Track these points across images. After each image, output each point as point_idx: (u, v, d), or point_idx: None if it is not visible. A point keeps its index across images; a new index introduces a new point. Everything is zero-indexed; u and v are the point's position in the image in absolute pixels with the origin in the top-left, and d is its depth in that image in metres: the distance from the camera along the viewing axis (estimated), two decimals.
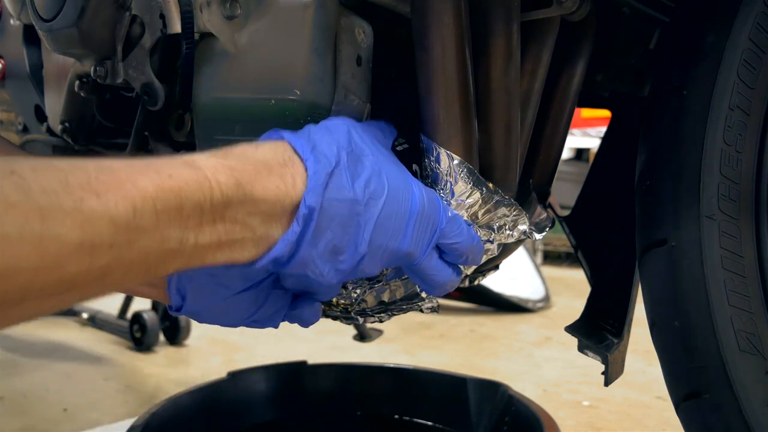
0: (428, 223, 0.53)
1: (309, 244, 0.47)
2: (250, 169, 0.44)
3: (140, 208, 0.38)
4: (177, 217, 0.40)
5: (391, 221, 0.50)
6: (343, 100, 0.59)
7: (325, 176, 0.47)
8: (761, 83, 0.60)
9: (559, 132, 0.73)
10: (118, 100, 0.72)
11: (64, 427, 1.25)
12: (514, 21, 0.59)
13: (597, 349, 0.71)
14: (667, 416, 1.31)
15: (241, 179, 0.43)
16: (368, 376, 1.11)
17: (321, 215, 0.46)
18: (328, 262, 0.49)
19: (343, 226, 0.48)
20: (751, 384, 0.59)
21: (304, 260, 0.47)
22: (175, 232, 0.40)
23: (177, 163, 0.41)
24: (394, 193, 0.50)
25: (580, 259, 0.80)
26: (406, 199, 0.51)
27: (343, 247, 0.48)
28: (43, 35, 0.64)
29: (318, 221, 0.46)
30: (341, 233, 0.48)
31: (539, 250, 3.76)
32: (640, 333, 0.78)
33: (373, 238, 0.49)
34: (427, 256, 0.54)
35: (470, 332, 2.12)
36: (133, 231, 0.38)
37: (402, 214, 0.51)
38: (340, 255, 0.49)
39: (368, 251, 0.50)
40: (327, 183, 0.47)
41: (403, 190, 0.51)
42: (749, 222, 0.61)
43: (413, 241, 0.52)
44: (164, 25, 0.58)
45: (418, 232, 0.52)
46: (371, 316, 0.66)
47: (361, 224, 0.48)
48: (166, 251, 0.40)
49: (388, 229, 0.50)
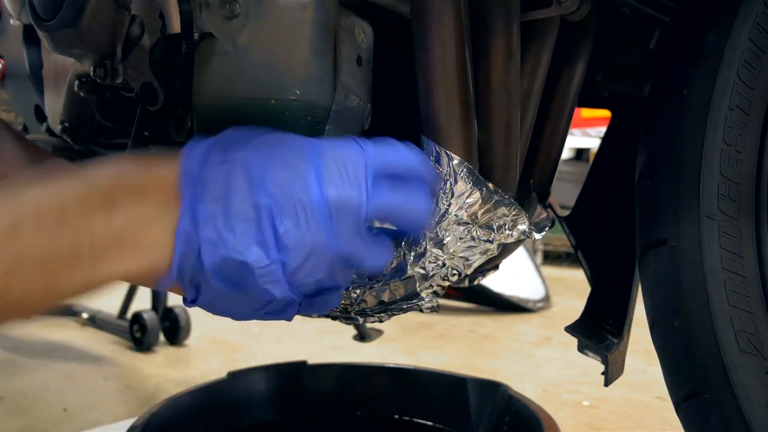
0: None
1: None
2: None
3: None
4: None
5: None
6: (343, 100, 0.59)
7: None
8: (761, 83, 0.60)
9: (559, 132, 0.73)
10: (117, 100, 0.72)
11: (64, 427, 1.25)
12: (514, 21, 0.59)
13: (597, 349, 0.71)
14: (667, 416, 1.31)
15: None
16: (368, 376, 1.11)
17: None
18: None
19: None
20: (751, 384, 0.59)
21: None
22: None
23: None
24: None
25: (580, 259, 0.80)
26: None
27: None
28: (42, 35, 0.64)
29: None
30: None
31: (539, 250, 3.76)
32: (640, 333, 0.77)
33: None
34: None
35: (470, 332, 2.12)
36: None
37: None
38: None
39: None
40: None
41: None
42: (749, 222, 0.61)
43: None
44: (164, 25, 0.58)
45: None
46: (371, 316, 0.66)
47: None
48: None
49: None
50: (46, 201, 0.42)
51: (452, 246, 0.60)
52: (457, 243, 0.60)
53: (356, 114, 0.61)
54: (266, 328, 2.02)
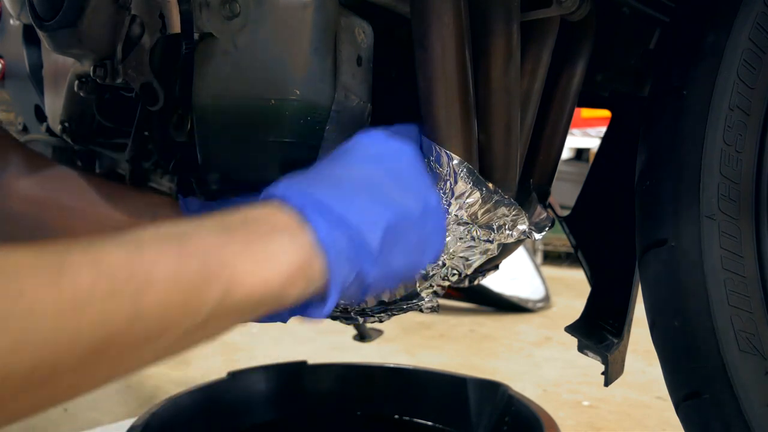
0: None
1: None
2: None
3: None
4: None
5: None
6: (343, 100, 0.59)
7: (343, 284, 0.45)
8: (761, 83, 0.60)
9: (559, 132, 0.73)
10: (117, 100, 0.72)
11: (64, 427, 1.25)
12: (514, 21, 0.59)
13: (597, 349, 0.71)
14: (667, 416, 1.31)
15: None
16: (368, 376, 1.11)
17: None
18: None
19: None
20: (751, 384, 0.59)
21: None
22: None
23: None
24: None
25: (580, 259, 0.80)
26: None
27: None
28: (42, 35, 0.64)
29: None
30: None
31: (539, 250, 3.76)
32: (640, 333, 0.77)
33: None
34: None
35: (470, 332, 2.12)
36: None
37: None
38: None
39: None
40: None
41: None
42: (749, 222, 0.61)
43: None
44: (164, 25, 0.58)
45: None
46: (371, 316, 0.66)
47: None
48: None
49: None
50: (161, 230, 0.39)
51: (452, 246, 0.60)
52: (457, 243, 0.60)
53: (356, 114, 0.61)
54: (266, 328, 2.02)
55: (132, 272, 0.35)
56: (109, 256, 0.35)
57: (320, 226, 0.43)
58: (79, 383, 0.35)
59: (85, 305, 0.33)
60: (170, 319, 0.37)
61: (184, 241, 0.39)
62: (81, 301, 0.32)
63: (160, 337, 0.37)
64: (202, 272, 0.38)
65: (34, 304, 0.31)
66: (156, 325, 0.36)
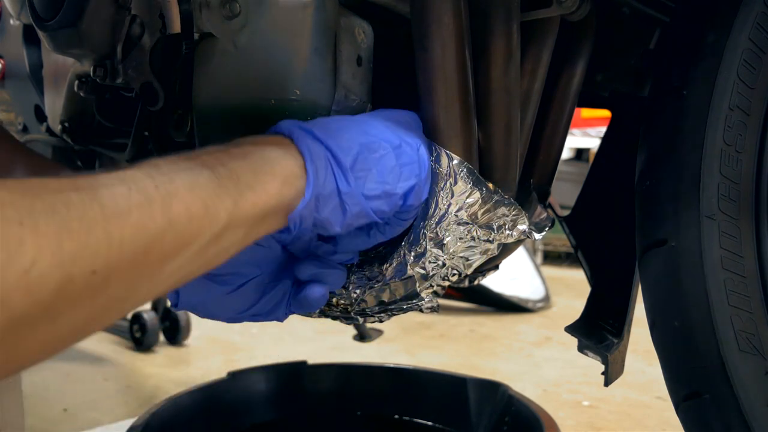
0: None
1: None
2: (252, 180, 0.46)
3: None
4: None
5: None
6: (343, 100, 0.59)
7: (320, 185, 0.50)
8: (761, 83, 0.60)
9: (559, 132, 0.73)
10: (117, 100, 0.72)
11: (64, 427, 1.25)
12: (514, 21, 0.59)
13: (597, 349, 0.71)
14: (667, 416, 1.31)
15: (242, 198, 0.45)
16: (368, 376, 1.11)
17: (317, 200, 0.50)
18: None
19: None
20: (751, 384, 0.59)
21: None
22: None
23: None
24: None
25: (580, 259, 0.80)
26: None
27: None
28: (42, 35, 0.64)
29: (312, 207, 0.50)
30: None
31: (539, 250, 3.76)
32: (640, 333, 0.77)
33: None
34: None
35: (470, 332, 2.12)
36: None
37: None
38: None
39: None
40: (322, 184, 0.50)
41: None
42: (749, 222, 0.61)
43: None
44: (164, 25, 0.58)
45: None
46: (371, 316, 0.66)
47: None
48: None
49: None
50: (169, 159, 0.43)
51: (452, 246, 0.60)
52: (457, 243, 0.60)
53: (356, 114, 0.61)
54: (266, 328, 2.02)
55: (156, 185, 0.38)
56: (133, 176, 0.38)
57: (303, 144, 0.49)
58: (126, 295, 0.38)
59: (126, 214, 0.36)
60: (195, 227, 0.40)
61: (193, 158, 0.43)
62: (121, 211, 0.36)
63: (188, 246, 0.40)
64: (213, 184, 0.42)
65: (84, 215, 0.34)
66: (184, 233, 0.40)
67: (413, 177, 0.55)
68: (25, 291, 0.31)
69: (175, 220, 0.39)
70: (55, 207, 0.33)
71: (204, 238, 0.41)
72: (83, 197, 0.35)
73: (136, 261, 0.36)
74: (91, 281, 0.34)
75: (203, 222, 0.41)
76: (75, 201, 0.34)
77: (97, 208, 0.35)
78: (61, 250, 0.32)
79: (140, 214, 0.37)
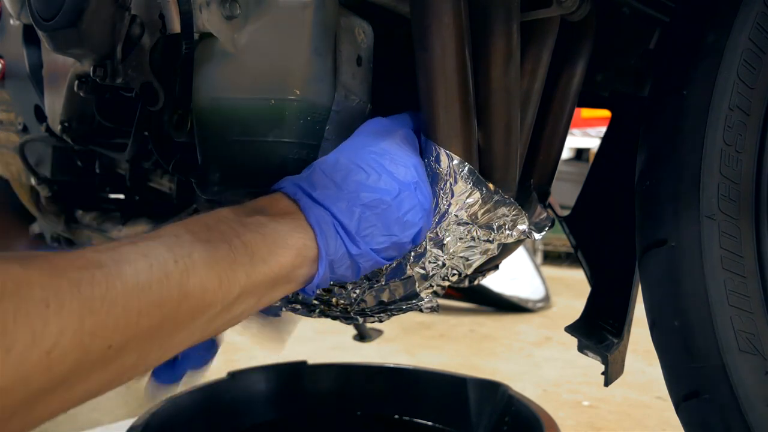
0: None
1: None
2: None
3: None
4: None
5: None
6: (343, 100, 0.59)
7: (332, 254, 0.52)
8: (761, 83, 0.60)
9: (559, 132, 0.73)
10: (117, 100, 0.72)
11: (64, 427, 1.25)
12: (514, 21, 0.58)
13: (597, 349, 0.70)
14: (667, 416, 1.31)
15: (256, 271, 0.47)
16: (368, 376, 1.11)
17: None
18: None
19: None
20: (751, 384, 0.58)
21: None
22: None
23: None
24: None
25: (580, 259, 0.80)
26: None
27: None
28: (42, 35, 0.64)
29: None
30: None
31: (539, 250, 3.76)
32: (640, 333, 0.77)
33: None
34: None
35: (470, 332, 2.12)
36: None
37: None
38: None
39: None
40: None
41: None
42: (749, 222, 0.61)
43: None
44: (164, 25, 0.58)
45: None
46: (371, 316, 0.66)
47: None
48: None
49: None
50: (189, 224, 0.45)
51: (452, 246, 0.60)
52: (457, 243, 0.60)
53: (356, 114, 0.61)
54: None
55: (176, 259, 0.41)
56: (155, 250, 0.41)
57: (311, 215, 0.51)
58: (138, 362, 0.40)
59: (146, 291, 0.38)
60: (209, 299, 0.43)
61: (211, 230, 0.45)
62: (142, 287, 0.38)
63: (201, 316, 0.43)
64: (229, 258, 0.44)
65: (106, 294, 0.36)
66: (198, 305, 0.42)
67: (418, 221, 0.55)
68: (46, 369, 0.33)
69: (190, 293, 0.41)
70: (80, 285, 0.35)
71: (216, 309, 0.44)
72: (107, 274, 0.37)
73: (150, 333, 0.39)
74: (107, 354, 0.37)
75: (217, 294, 0.43)
76: (99, 279, 0.36)
77: (119, 286, 0.37)
78: (82, 329, 0.35)
79: (159, 290, 0.39)
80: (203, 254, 0.43)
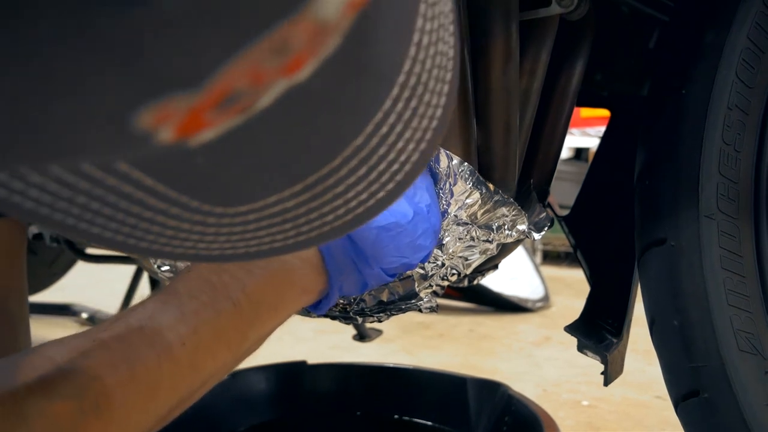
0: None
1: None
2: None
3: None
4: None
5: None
6: None
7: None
8: (760, 83, 0.60)
9: (559, 131, 0.73)
10: None
11: None
12: (513, 20, 0.58)
13: (596, 348, 0.71)
14: (667, 416, 1.31)
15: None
16: (368, 376, 1.11)
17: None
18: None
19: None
20: (750, 384, 0.59)
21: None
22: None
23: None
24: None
25: (580, 259, 0.80)
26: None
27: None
28: None
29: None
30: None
31: (539, 249, 3.76)
32: (640, 333, 0.77)
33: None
34: None
35: (470, 332, 2.12)
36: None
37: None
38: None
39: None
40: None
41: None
42: (748, 221, 0.61)
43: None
44: None
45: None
46: (370, 316, 0.66)
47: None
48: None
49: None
50: (192, 291, 0.45)
51: (451, 246, 0.60)
52: (457, 243, 0.60)
53: None
54: None
55: (183, 342, 0.41)
56: (162, 335, 0.41)
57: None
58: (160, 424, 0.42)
59: (159, 386, 0.40)
60: (219, 364, 0.45)
61: (218, 288, 0.45)
62: (156, 385, 0.40)
63: (212, 380, 0.45)
64: (236, 320, 0.45)
65: (124, 401, 0.38)
66: (209, 373, 0.44)
67: (429, 245, 0.55)
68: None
69: (200, 367, 0.43)
70: (98, 402, 0.36)
71: (226, 369, 0.46)
72: (121, 380, 0.38)
73: (168, 416, 0.42)
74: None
75: (226, 359, 0.45)
76: (118, 396, 0.37)
77: (134, 389, 0.38)
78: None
79: (171, 382, 0.41)
80: (209, 325, 0.43)
